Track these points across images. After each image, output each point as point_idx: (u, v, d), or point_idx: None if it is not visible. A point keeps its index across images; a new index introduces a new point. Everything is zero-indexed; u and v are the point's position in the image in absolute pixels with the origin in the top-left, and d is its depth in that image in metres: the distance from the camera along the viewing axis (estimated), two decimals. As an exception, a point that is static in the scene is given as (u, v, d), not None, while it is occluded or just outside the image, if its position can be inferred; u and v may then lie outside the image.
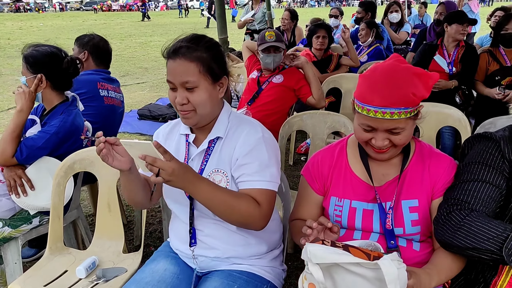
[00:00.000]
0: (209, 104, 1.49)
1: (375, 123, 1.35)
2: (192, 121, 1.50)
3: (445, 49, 3.91)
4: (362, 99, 1.36)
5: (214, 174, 1.53)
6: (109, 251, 2.08)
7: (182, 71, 1.44)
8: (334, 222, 1.52)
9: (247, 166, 1.48)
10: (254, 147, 1.49)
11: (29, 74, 2.23)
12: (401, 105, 1.31)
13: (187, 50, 1.45)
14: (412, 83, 1.32)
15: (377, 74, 1.36)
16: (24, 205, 2.18)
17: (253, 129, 1.54)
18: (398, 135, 1.36)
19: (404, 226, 1.44)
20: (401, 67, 1.36)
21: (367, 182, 1.50)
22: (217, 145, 1.56)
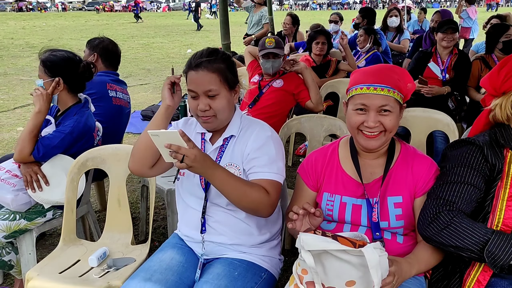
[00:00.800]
0: (227, 109, 1.70)
1: (368, 100, 1.54)
2: (212, 125, 1.70)
3: (439, 56, 4.07)
4: (356, 83, 1.57)
5: (228, 167, 1.70)
6: (119, 243, 2.24)
7: (205, 81, 1.64)
8: (326, 216, 1.69)
9: (257, 159, 1.68)
10: (263, 143, 1.70)
11: (46, 77, 2.39)
12: (390, 84, 1.53)
13: (208, 63, 1.65)
14: (397, 73, 1.57)
15: (367, 68, 1.61)
16: (39, 199, 2.33)
17: (263, 128, 1.76)
18: (387, 116, 1.54)
19: (389, 220, 1.59)
20: (386, 65, 1.62)
21: (356, 180, 1.66)
22: (231, 142, 1.76)
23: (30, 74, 10.21)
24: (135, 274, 1.70)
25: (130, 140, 5.37)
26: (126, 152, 2.26)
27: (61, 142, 2.32)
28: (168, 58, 13.37)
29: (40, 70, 2.41)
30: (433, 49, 4.13)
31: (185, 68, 1.69)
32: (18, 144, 2.28)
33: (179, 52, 14.88)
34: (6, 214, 2.28)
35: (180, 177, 1.83)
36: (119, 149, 2.30)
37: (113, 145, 2.34)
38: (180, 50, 15.42)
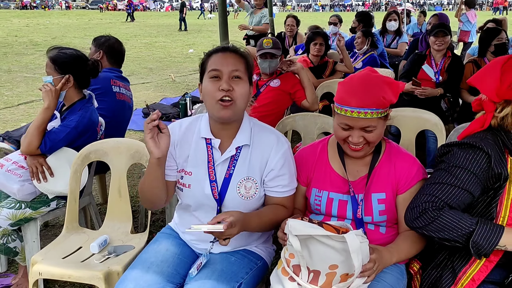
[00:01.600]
0: (245, 99, 1.66)
1: (352, 122, 1.61)
2: (230, 112, 1.62)
3: (432, 59, 4.19)
4: (341, 102, 1.63)
5: (245, 181, 1.72)
6: (119, 231, 2.35)
7: (233, 62, 1.64)
8: (314, 210, 1.81)
9: (282, 178, 1.74)
10: (285, 159, 1.74)
11: (56, 74, 2.51)
12: (373, 106, 1.58)
13: (236, 48, 1.70)
14: (382, 89, 1.60)
15: (354, 81, 1.64)
16: (44, 189, 2.45)
17: (279, 140, 1.75)
18: (371, 133, 1.63)
19: (372, 215, 1.71)
20: (373, 75, 1.65)
21: (344, 177, 1.77)
22: (245, 152, 1.73)
23: (34, 72, 10.34)
24: (132, 265, 1.74)
25: (132, 137, 5.47)
26: (127, 145, 2.39)
27: (67, 136, 2.44)
28: (170, 57, 13.49)
29: (49, 67, 2.52)
30: (427, 52, 4.25)
31: (208, 52, 1.70)
32: (26, 138, 2.40)
33: (181, 51, 14.99)
34: (12, 203, 2.40)
35: (183, 188, 1.77)
36: (121, 142, 2.42)
37: (114, 138, 2.46)
38: (182, 49, 15.53)
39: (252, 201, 1.75)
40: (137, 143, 2.38)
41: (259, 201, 1.78)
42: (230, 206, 1.73)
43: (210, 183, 1.73)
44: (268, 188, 1.77)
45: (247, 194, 1.73)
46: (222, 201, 1.73)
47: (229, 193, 1.73)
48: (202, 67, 1.72)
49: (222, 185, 1.73)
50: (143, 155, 2.34)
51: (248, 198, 1.73)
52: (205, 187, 1.73)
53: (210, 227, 1.50)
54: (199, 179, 1.74)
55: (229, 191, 1.72)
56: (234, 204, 1.73)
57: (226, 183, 1.73)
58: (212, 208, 1.75)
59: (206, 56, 1.71)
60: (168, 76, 9.81)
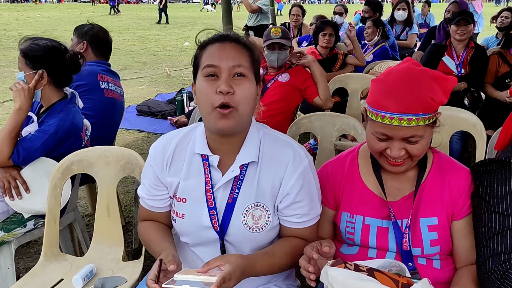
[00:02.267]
0: (251, 103, 1.27)
1: (390, 131, 1.25)
2: (231, 122, 1.24)
3: (453, 50, 3.82)
4: (376, 105, 1.25)
5: (253, 209, 1.35)
6: (108, 258, 1.97)
7: (234, 54, 1.25)
8: (346, 240, 1.44)
9: (300, 204, 1.36)
10: (304, 179, 1.35)
11: (28, 69, 2.10)
12: (419, 111, 1.21)
13: (238, 36, 1.30)
14: (430, 87, 1.23)
15: (392, 78, 1.26)
16: (19, 208, 2.07)
17: (297, 154, 1.36)
18: (416, 144, 1.26)
19: (422, 247, 1.34)
20: (417, 70, 1.26)
21: (381, 197, 1.40)
22: (252, 171, 1.35)
23: (21, 66, 9.88)
24: None
25: (125, 137, 5.10)
26: (117, 154, 2.00)
27: (44, 144, 2.04)
28: (164, 51, 13.06)
29: (20, 62, 2.12)
30: (447, 42, 3.88)
31: (202, 44, 1.31)
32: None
33: (176, 44, 14.56)
34: (-20, 224, 2.01)
35: (176, 218, 1.41)
36: (109, 151, 2.02)
37: (101, 146, 2.06)
38: (177, 42, 15.10)
39: (263, 234, 1.37)
40: (128, 152, 1.99)
41: (271, 232, 1.39)
42: (235, 239, 1.37)
43: (209, 211, 1.35)
44: (283, 217, 1.39)
45: (255, 226, 1.35)
46: (225, 233, 1.36)
47: (233, 223, 1.35)
48: (195, 62, 1.33)
49: (224, 213, 1.35)
50: (135, 166, 1.96)
51: (258, 231, 1.35)
52: (203, 217, 1.36)
53: (199, 278, 1.13)
54: (195, 207, 1.37)
55: (233, 220, 1.35)
56: (238, 237, 1.36)
57: (229, 210, 1.35)
58: (214, 242, 1.38)
59: (199, 48, 1.32)
60: (163, 71, 9.40)
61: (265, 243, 1.40)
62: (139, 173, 1.95)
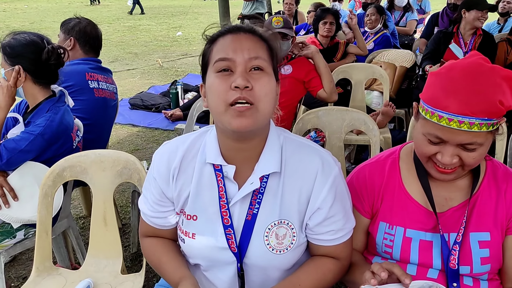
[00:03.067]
0: (271, 101, 1.10)
1: (447, 135, 1.09)
2: (250, 122, 1.06)
3: (461, 37, 3.67)
4: (434, 103, 1.09)
5: (276, 227, 1.17)
6: (105, 271, 1.81)
7: (251, 45, 1.09)
8: (382, 253, 1.28)
9: (333, 219, 1.19)
10: (337, 191, 1.18)
11: (7, 66, 1.93)
12: (484, 115, 1.05)
13: (253, 28, 1.13)
14: (500, 88, 1.06)
15: (456, 74, 1.09)
16: (7, 218, 1.91)
17: (326, 162, 1.19)
18: (472, 152, 1.10)
19: (472, 265, 1.19)
20: (487, 67, 1.09)
21: (426, 207, 1.25)
22: (274, 183, 1.18)
23: (9, 60, 9.60)
24: None
25: (118, 132, 4.92)
26: (113, 159, 1.83)
27: (30, 145, 1.87)
28: (156, 41, 12.77)
29: (2, 58, 1.95)
30: (454, 29, 3.72)
31: (213, 36, 1.15)
32: None
33: (167, 34, 14.25)
34: (-34, 236, 1.85)
35: (185, 238, 1.23)
36: (104, 155, 1.84)
37: (96, 150, 1.88)
38: (168, 32, 14.79)
39: (287, 255, 1.20)
40: (125, 156, 1.82)
41: (297, 251, 1.23)
42: (256, 261, 1.20)
43: (225, 230, 1.18)
44: (314, 235, 1.22)
45: (279, 246, 1.18)
46: (244, 255, 1.19)
47: (253, 243, 1.18)
48: (204, 59, 1.16)
49: (242, 232, 1.18)
50: (133, 172, 1.80)
51: (282, 252, 1.19)
52: (218, 237, 1.19)
53: None
54: (209, 226, 1.20)
55: (253, 240, 1.18)
56: (260, 260, 1.19)
57: (248, 228, 1.18)
58: (230, 265, 1.21)
59: (209, 43, 1.15)
60: (155, 62, 9.15)
61: (290, 264, 1.24)
62: (138, 179, 1.79)
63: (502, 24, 5.62)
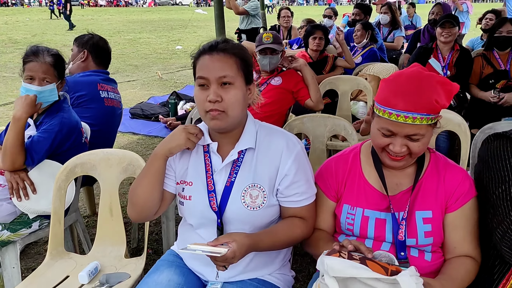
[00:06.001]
0: (240, 106, 1.45)
1: (396, 128, 1.36)
2: (222, 123, 1.44)
3: (439, 52, 3.95)
4: (385, 103, 1.36)
5: (250, 189, 1.50)
6: (111, 256, 2.05)
7: (221, 65, 1.42)
8: (345, 230, 1.53)
9: (298, 184, 1.51)
10: (300, 163, 1.51)
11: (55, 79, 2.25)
12: (424, 111, 1.32)
13: (226, 45, 1.46)
14: (436, 90, 1.34)
15: (402, 79, 1.37)
16: (25, 208, 2.15)
17: (291, 141, 1.53)
18: (417, 141, 1.37)
19: (417, 237, 1.44)
20: (425, 74, 1.37)
21: (381, 191, 1.50)
22: (249, 157, 1.52)
23: (13, 71, 9.87)
24: None
25: (119, 140, 5.16)
26: (119, 157, 2.09)
27: (53, 142, 2.16)
28: (155, 53, 13.11)
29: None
30: (433, 45, 4.01)
31: (195, 55, 1.49)
32: (6, 156, 2.08)
33: (166, 47, 14.60)
34: (-13, 225, 2.09)
35: (184, 201, 1.57)
36: (111, 154, 2.10)
37: (103, 149, 2.14)
38: (168, 45, 15.14)
39: (259, 212, 1.50)
40: (130, 155, 2.08)
41: (268, 211, 1.53)
42: (233, 218, 1.51)
43: (208, 194, 1.52)
44: (283, 198, 1.54)
45: (253, 204, 1.50)
46: (223, 213, 1.51)
47: (231, 203, 1.50)
48: (193, 70, 1.51)
49: (222, 195, 1.52)
50: (137, 168, 2.05)
51: (255, 208, 1.50)
52: (205, 199, 1.53)
53: (210, 249, 1.29)
54: (199, 190, 1.54)
55: (230, 201, 1.50)
56: (237, 216, 1.50)
57: (227, 192, 1.51)
58: (213, 222, 1.53)
59: (194, 58, 1.50)
60: (155, 74, 9.45)
61: (263, 222, 1.53)
62: (141, 174, 2.03)
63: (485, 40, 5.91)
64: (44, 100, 2.18)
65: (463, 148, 2.50)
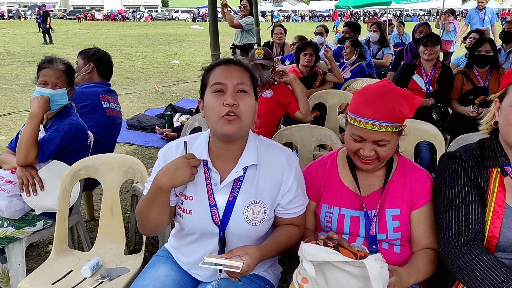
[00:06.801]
0: (251, 115, 1.53)
1: (364, 134, 1.54)
2: (236, 128, 1.48)
3: (423, 69, 4.18)
4: (355, 112, 1.55)
5: (253, 205, 1.59)
6: (111, 253, 2.22)
7: (237, 74, 1.52)
8: (324, 227, 1.72)
9: (298, 198, 1.65)
10: (299, 178, 1.65)
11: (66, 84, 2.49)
12: (388, 120, 1.51)
13: (241, 60, 1.59)
14: (399, 102, 1.53)
15: (370, 91, 1.57)
16: (33, 204, 2.32)
17: (290, 158, 1.64)
18: (383, 147, 1.56)
19: (387, 232, 1.63)
20: (390, 87, 1.57)
21: (355, 192, 1.69)
22: (251, 172, 1.60)
23: (11, 82, 10.05)
24: None
25: (116, 150, 5.21)
26: (120, 161, 2.27)
27: (62, 140, 2.38)
28: (152, 67, 13.33)
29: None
30: (417, 62, 4.24)
31: (209, 66, 1.60)
32: (21, 149, 2.30)
33: (163, 61, 14.84)
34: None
35: (183, 214, 1.61)
36: (113, 158, 2.29)
37: (106, 154, 2.33)
38: (164, 59, 15.38)
39: (260, 226, 1.61)
40: (130, 159, 2.27)
41: (267, 224, 1.66)
42: (234, 232, 1.59)
43: (210, 208, 1.59)
44: (284, 211, 1.66)
45: (254, 219, 1.59)
46: (225, 227, 1.59)
47: (233, 219, 1.58)
48: (203, 82, 1.59)
49: (225, 210, 1.59)
50: (136, 171, 2.23)
51: (256, 224, 1.60)
52: (206, 213, 1.59)
53: (226, 262, 1.41)
54: (200, 204, 1.60)
55: (233, 216, 1.58)
56: (239, 230, 1.59)
57: (229, 207, 1.59)
58: (215, 235, 1.61)
59: (206, 71, 1.59)
60: (151, 87, 9.66)
61: (261, 234, 1.65)
62: (140, 177, 2.22)
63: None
64: (55, 103, 2.41)
65: (439, 157, 2.70)
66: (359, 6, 10.46)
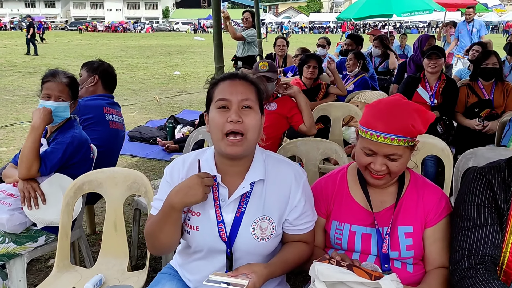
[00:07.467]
0: (257, 131, 1.49)
1: (376, 147, 1.51)
2: (239, 149, 1.46)
3: (427, 82, 4.16)
4: (367, 125, 1.53)
5: (260, 221, 1.55)
6: (114, 269, 2.17)
7: (242, 89, 1.49)
8: (334, 245, 1.68)
9: (306, 214, 1.61)
10: (307, 193, 1.61)
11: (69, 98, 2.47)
12: (401, 133, 1.48)
13: (246, 75, 1.55)
14: (412, 116, 1.50)
15: (382, 105, 1.55)
16: (34, 217, 2.28)
17: (297, 173, 1.60)
18: (395, 161, 1.53)
19: (399, 250, 1.58)
20: (403, 101, 1.55)
21: (366, 208, 1.65)
22: (259, 188, 1.56)
23: (12, 93, 10.04)
24: None
25: (118, 162, 5.28)
26: (124, 175, 2.23)
27: (64, 153, 2.35)
28: (153, 78, 13.35)
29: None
30: (421, 75, 4.22)
31: (214, 81, 1.56)
32: (23, 162, 2.27)
33: (164, 72, 14.87)
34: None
35: (190, 231, 1.57)
36: (117, 172, 2.25)
37: (110, 168, 2.30)
38: (165, 71, 15.41)
39: (268, 243, 1.57)
40: (134, 173, 2.23)
41: (275, 241, 1.61)
42: (241, 248, 1.56)
43: (217, 224, 1.55)
44: (291, 227, 1.62)
45: (262, 236, 1.55)
46: (232, 243, 1.55)
47: (241, 235, 1.54)
48: (209, 96, 1.56)
49: (232, 226, 1.55)
50: (141, 185, 2.19)
51: (264, 240, 1.55)
52: (213, 229, 1.55)
53: (232, 281, 1.37)
54: (207, 220, 1.56)
55: (240, 232, 1.54)
56: (247, 246, 1.55)
57: (236, 223, 1.55)
58: (222, 252, 1.57)
59: (211, 85, 1.56)
60: (153, 98, 9.65)
61: (269, 251, 1.60)
62: (145, 191, 2.18)
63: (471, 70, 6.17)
64: (58, 115, 2.38)
65: (447, 172, 2.67)
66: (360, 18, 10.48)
